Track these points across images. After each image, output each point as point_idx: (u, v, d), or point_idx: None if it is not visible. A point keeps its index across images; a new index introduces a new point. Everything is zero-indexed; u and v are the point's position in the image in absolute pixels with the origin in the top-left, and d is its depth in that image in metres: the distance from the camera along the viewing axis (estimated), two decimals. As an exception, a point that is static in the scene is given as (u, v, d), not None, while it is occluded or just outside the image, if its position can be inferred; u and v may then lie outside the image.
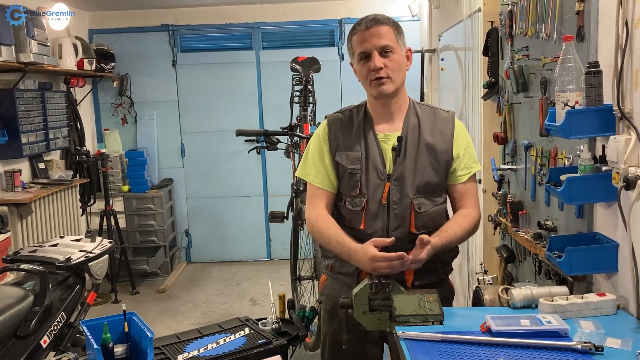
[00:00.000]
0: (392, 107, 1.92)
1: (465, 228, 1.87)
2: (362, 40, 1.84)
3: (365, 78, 1.87)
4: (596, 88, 1.60)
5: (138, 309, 4.57)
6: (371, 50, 1.82)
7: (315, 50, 5.12)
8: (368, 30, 1.83)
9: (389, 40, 1.83)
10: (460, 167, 1.92)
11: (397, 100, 1.91)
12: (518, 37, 2.43)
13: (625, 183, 1.47)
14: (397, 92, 1.89)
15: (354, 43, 1.87)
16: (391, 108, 1.92)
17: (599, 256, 1.68)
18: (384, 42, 1.82)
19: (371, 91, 1.89)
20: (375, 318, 1.66)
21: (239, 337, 2.08)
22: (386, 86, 1.84)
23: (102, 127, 5.78)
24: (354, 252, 1.78)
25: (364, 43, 1.83)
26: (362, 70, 1.87)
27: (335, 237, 1.85)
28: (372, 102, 1.94)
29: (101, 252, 2.68)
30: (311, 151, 2.00)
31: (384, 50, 1.82)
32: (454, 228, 1.85)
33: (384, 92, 1.85)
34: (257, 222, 5.99)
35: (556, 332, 1.46)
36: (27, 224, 3.98)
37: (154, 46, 5.77)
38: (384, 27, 1.84)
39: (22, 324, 2.26)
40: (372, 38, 1.82)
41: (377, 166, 1.88)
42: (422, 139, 1.89)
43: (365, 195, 1.88)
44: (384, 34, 1.83)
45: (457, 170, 1.93)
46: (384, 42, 1.82)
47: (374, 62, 1.82)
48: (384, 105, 1.92)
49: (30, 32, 3.94)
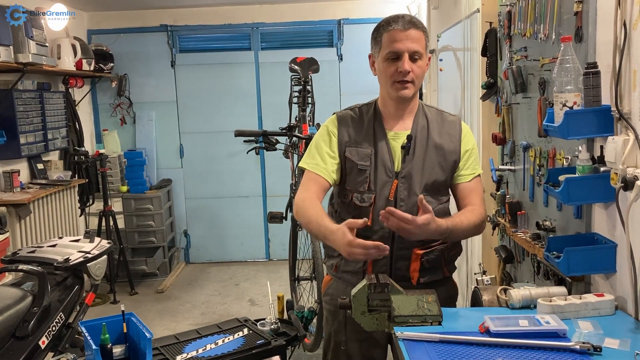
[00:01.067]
0: (405, 109, 1.94)
1: (472, 220, 1.86)
2: (395, 39, 1.82)
3: (389, 77, 1.86)
4: (594, 89, 1.60)
5: (137, 309, 4.57)
6: (403, 52, 1.81)
7: (314, 51, 5.12)
8: (404, 32, 1.81)
9: (420, 47, 1.83)
10: (465, 167, 1.95)
11: (409, 102, 1.94)
12: (516, 38, 2.43)
13: (624, 183, 1.48)
14: (414, 96, 1.92)
15: (385, 39, 1.84)
16: (403, 110, 1.94)
17: (597, 257, 1.68)
18: (416, 47, 1.82)
19: (391, 92, 1.88)
20: (374, 318, 1.66)
21: (237, 337, 2.08)
22: (408, 90, 1.86)
23: (100, 128, 5.77)
24: (330, 232, 1.74)
25: (396, 43, 1.82)
26: (388, 69, 1.85)
27: (315, 217, 1.83)
28: (386, 101, 1.95)
29: (100, 253, 2.68)
30: (316, 141, 2.00)
31: (414, 56, 1.82)
32: (460, 217, 1.85)
33: (404, 95, 1.86)
34: (256, 223, 5.99)
35: (555, 333, 1.46)
36: (25, 224, 3.98)
37: (152, 47, 5.77)
38: (419, 32, 1.83)
39: (21, 324, 2.26)
40: (407, 40, 1.81)
41: (385, 163, 1.90)
42: (430, 139, 1.92)
43: (374, 191, 1.90)
44: (417, 38, 1.82)
45: (461, 170, 1.95)
46: (416, 47, 1.82)
47: (403, 65, 1.81)
48: (397, 107, 1.93)
49: (29, 32, 3.93)
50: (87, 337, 1.84)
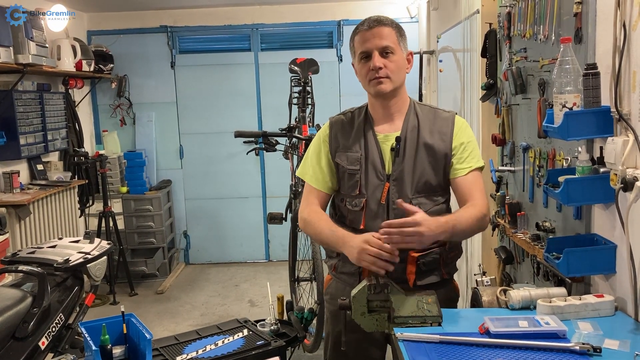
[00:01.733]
0: (391, 108, 1.93)
1: (473, 214, 1.79)
2: (363, 40, 1.86)
3: (365, 77, 1.88)
4: (594, 90, 1.60)
5: (136, 310, 4.57)
6: (372, 50, 1.84)
7: (314, 52, 5.12)
8: (370, 31, 1.85)
9: (390, 42, 1.85)
10: (460, 161, 1.89)
11: (396, 101, 1.92)
12: (516, 39, 2.43)
13: (623, 184, 1.48)
14: (396, 92, 1.90)
15: (356, 43, 1.89)
16: (391, 109, 1.93)
17: (597, 257, 1.68)
18: (385, 43, 1.84)
19: (369, 89, 1.90)
20: (373, 319, 1.66)
21: (237, 338, 2.08)
22: (384, 85, 1.85)
23: (100, 129, 5.77)
24: (348, 236, 1.78)
25: (365, 43, 1.85)
26: (362, 69, 1.88)
27: (327, 226, 1.88)
28: (373, 102, 1.96)
29: (100, 254, 2.68)
30: (310, 151, 2.03)
31: (385, 51, 1.84)
32: (460, 212, 1.81)
33: (381, 90, 1.86)
34: (256, 224, 5.99)
35: (554, 334, 1.46)
36: (25, 225, 3.97)
37: (152, 47, 5.77)
38: (386, 28, 1.85)
39: (21, 325, 2.26)
40: (374, 38, 1.84)
41: (376, 166, 1.89)
42: (420, 139, 1.89)
43: (365, 195, 1.89)
44: (385, 34, 1.84)
45: (455, 164, 1.89)
46: (385, 43, 1.84)
47: (373, 62, 1.83)
48: (383, 106, 1.92)
49: (29, 33, 3.93)
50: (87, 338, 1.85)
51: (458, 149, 1.90)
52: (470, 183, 1.88)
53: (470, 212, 1.80)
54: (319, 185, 1.99)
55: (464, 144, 1.90)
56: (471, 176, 1.88)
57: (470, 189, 1.88)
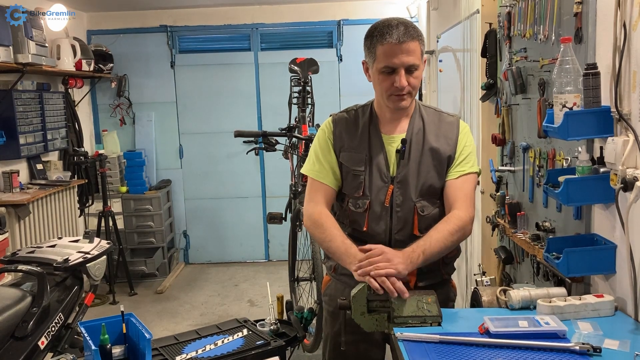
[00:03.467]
0: (400, 113, 1.89)
1: (446, 230, 1.77)
2: (390, 54, 1.74)
3: (385, 91, 1.81)
4: (594, 90, 1.60)
5: (136, 310, 4.57)
6: (399, 68, 1.75)
7: (314, 52, 5.12)
8: (399, 45, 1.73)
9: (416, 59, 1.76)
10: (454, 165, 1.88)
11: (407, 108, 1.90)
12: (516, 39, 2.43)
13: (623, 184, 1.48)
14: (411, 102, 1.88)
15: (380, 52, 1.76)
16: (399, 113, 1.90)
17: (597, 258, 1.68)
18: (412, 61, 1.75)
19: (387, 103, 1.84)
20: (373, 319, 1.66)
21: (237, 338, 2.08)
22: (405, 102, 1.81)
23: (100, 128, 5.77)
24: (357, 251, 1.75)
25: (391, 58, 1.75)
26: (384, 83, 1.79)
27: (340, 238, 1.82)
28: (382, 107, 1.90)
29: (99, 253, 2.68)
30: (315, 147, 1.98)
31: (410, 68, 1.76)
32: (430, 233, 1.77)
33: (402, 107, 1.83)
34: (256, 224, 5.98)
35: (554, 334, 1.46)
36: (25, 225, 3.97)
37: (152, 47, 5.77)
38: (414, 42, 1.75)
39: (20, 325, 2.26)
40: (402, 54, 1.74)
41: (380, 168, 1.87)
42: (426, 143, 1.87)
43: (369, 197, 1.87)
44: (412, 50, 1.75)
45: (450, 167, 1.88)
46: (412, 61, 1.75)
47: (400, 82, 1.75)
48: (393, 112, 1.89)
49: (29, 32, 3.93)
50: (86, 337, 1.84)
51: (456, 153, 1.89)
52: (457, 188, 1.86)
53: (443, 228, 1.78)
54: (326, 180, 1.92)
55: (462, 147, 1.89)
56: (461, 181, 1.87)
57: (455, 194, 1.86)
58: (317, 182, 1.94)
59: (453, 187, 1.86)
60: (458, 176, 1.87)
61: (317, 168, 1.94)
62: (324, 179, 1.92)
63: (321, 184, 1.93)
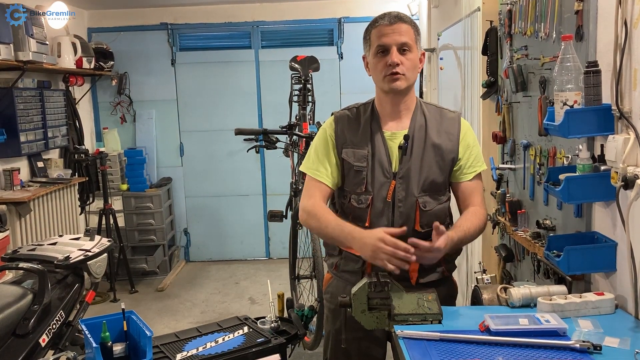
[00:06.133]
0: (400, 106, 1.91)
1: (477, 225, 1.86)
2: (382, 34, 1.83)
3: (380, 72, 1.85)
4: (595, 87, 1.60)
5: (137, 307, 4.57)
6: (390, 46, 1.82)
7: (314, 49, 5.11)
8: (390, 26, 1.83)
9: (409, 39, 1.83)
10: (466, 166, 1.91)
11: (406, 99, 1.91)
12: (517, 37, 2.43)
13: (624, 182, 1.48)
14: (408, 90, 1.90)
15: (373, 36, 1.86)
16: (400, 107, 1.91)
17: (598, 255, 1.68)
18: (404, 39, 1.82)
19: (383, 85, 1.87)
20: (374, 317, 1.67)
21: (237, 335, 2.08)
22: (400, 82, 1.84)
23: (100, 126, 5.77)
24: (358, 232, 1.77)
25: (383, 37, 1.83)
26: (378, 64, 1.85)
27: (334, 220, 1.85)
28: (382, 99, 1.93)
29: (100, 251, 2.69)
30: (315, 145, 2.00)
31: (403, 48, 1.82)
32: (467, 224, 1.84)
33: (397, 87, 1.84)
34: (256, 221, 5.99)
35: (555, 331, 1.46)
36: (25, 222, 3.98)
37: (152, 45, 5.76)
38: (406, 25, 1.84)
39: (21, 322, 2.26)
40: (393, 33, 1.82)
41: (383, 164, 1.88)
42: (428, 138, 1.89)
43: (371, 192, 1.88)
44: (404, 31, 1.83)
45: (462, 169, 1.91)
46: (404, 39, 1.82)
47: (392, 57, 1.81)
48: (393, 103, 1.91)
49: (29, 30, 3.93)
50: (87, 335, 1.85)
51: (465, 152, 1.91)
52: (472, 188, 1.92)
53: (475, 223, 1.86)
54: (323, 178, 1.94)
55: (470, 147, 1.93)
56: (475, 181, 1.93)
57: (472, 194, 1.92)
58: (314, 180, 1.96)
59: (470, 188, 1.93)
60: (472, 177, 1.93)
61: (315, 166, 1.96)
62: (321, 177, 1.94)
63: (318, 182, 1.95)
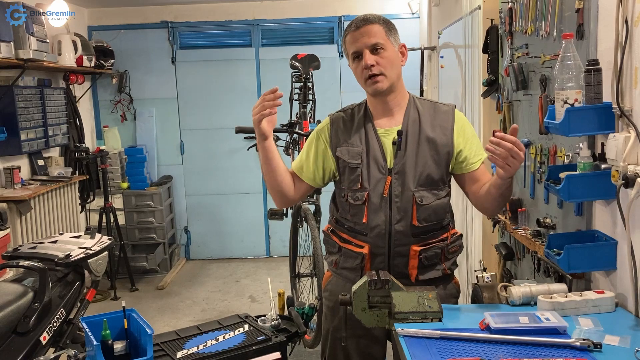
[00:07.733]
0: (390, 104, 1.94)
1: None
2: (353, 40, 1.89)
3: (360, 77, 1.90)
4: (596, 86, 1.60)
5: (137, 305, 4.57)
6: (362, 49, 1.86)
7: (315, 48, 5.11)
8: (358, 30, 1.87)
9: (379, 38, 1.87)
10: (471, 155, 1.92)
11: (394, 96, 1.93)
12: (518, 35, 2.43)
13: (625, 181, 1.48)
14: (393, 87, 1.91)
15: (347, 44, 1.92)
16: (390, 104, 1.94)
17: (598, 254, 1.68)
18: (373, 40, 1.86)
19: (367, 89, 1.92)
20: (374, 315, 1.67)
21: (238, 334, 2.08)
22: (380, 83, 1.87)
23: (101, 124, 5.77)
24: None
25: (354, 43, 1.88)
26: (357, 69, 1.91)
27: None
28: (371, 99, 1.97)
29: (100, 249, 2.69)
30: (306, 143, 2.06)
31: (375, 48, 1.86)
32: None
33: (378, 89, 1.88)
34: (256, 220, 5.99)
35: (555, 330, 1.46)
36: (26, 220, 3.98)
37: (153, 43, 5.76)
38: (374, 25, 1.87)
39: (22, 320, 2.26)
40: (362, 37, 1.86)
41: (378, 160, 1.90)
42: (422, 133, 1.90)
43: (367, 189, 1.90)
44: (373, 32, 1.86)
45: (468, 159, 1.92)
46: (373, 40, 1.86)
47: (365, 60, 1.86)
48: (382, 102, 1.94)
49: (30, 28, 3.92)
50: (88, 333, 1.85)
51: (466, 144, 1.92)
52: (483, 173, 1.94)
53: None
54: (303, 175, 2.03)
55: (470, 138, 1.94)
56: (483, 166, 1.95)
57: (484, 174, 1.94)
58: (296, 177, 2.06)
59: (481, 172, 1.93)
60: (480, 165, 1.94)
61: (300, 165, 2.05)
62: (302, 174, 2.03)
63: (298, 178, 2.05)
